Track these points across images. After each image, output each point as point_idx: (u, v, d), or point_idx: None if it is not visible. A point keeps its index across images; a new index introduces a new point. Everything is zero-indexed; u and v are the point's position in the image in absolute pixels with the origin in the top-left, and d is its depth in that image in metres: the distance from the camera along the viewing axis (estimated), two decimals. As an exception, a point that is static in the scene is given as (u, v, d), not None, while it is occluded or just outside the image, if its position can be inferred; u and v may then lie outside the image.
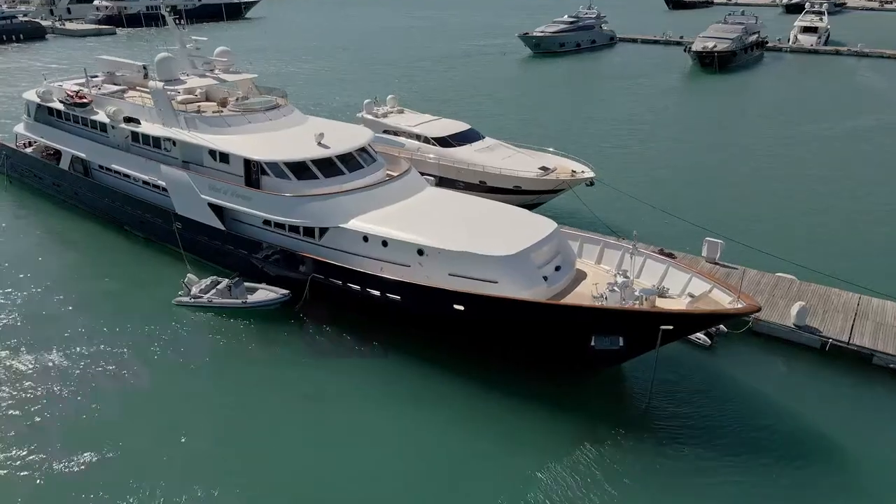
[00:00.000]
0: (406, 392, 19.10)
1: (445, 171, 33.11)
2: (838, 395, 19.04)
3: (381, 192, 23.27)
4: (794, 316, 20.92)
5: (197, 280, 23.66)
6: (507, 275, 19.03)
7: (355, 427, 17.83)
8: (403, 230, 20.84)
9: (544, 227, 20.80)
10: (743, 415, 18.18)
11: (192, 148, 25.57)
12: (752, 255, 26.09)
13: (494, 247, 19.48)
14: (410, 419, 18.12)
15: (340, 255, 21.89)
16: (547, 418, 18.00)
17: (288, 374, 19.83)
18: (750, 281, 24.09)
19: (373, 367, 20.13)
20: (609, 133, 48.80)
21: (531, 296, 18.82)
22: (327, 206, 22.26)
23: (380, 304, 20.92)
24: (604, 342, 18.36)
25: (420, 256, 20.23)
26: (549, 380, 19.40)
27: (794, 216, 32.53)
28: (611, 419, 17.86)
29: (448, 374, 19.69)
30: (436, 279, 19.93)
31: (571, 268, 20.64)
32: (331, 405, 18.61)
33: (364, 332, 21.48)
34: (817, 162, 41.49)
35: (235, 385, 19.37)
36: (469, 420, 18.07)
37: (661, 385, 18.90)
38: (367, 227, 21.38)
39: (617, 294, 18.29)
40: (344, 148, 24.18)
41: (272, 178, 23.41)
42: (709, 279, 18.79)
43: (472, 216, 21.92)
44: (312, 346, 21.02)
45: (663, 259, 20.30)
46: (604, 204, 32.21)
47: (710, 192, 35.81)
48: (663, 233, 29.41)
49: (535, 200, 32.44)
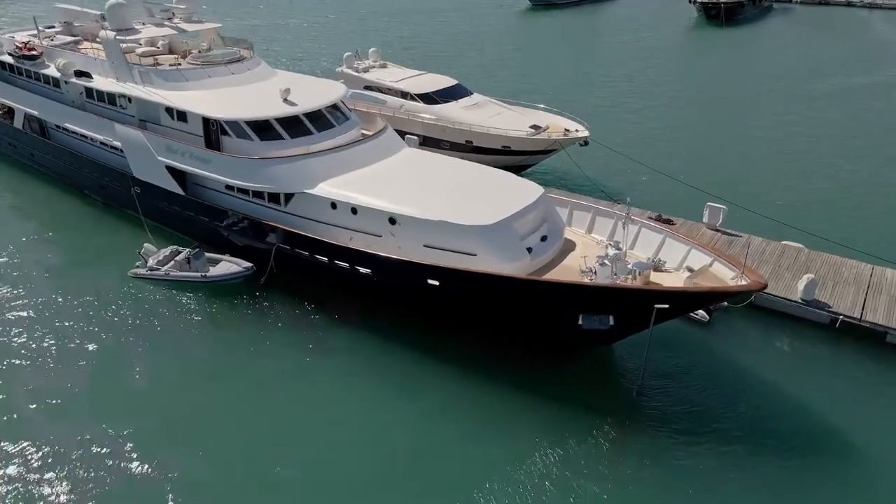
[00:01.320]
0: (379, 375, 17.47)
1: (430, 130, 30.95)
2: (849, 376, 17.38)
3: (352, 153, 21.22)
4: (802, 289, 19.15)
5: (155, 250, 21.82)
6: (487, 246, 17.18)
7: (323, 412, 16.28)
8: (374, 196, 18.89)
9: (529, 193, 18.84)
10: (744, 399, 16.57)
11: (148, 105, 23.37)
12: (756, 222, 24.18)
13: (473, 215, 17.58)
14: (383, 404, 16.54)
15: (307, 224, 19.99)
16: (528, 403, 16.39)
17: (248, 356, 18.14)
18: (754, 250, 22.22)
19: (343, 348, 18.45)
20: (606, 90, 46.20)
21: (513, 270, 17.02)
22: (293, 169, 20.24)
23: (349, 277, 19.14)
24: (592, 322, 16.63)
25: (392, 226, 18.34)
26: (533, 359, 17.75)
27: (803, 180, 30.40)
28: (599, 405, 16.25)
29: (425, 355, 18.03)
30: (409, 251, 18.09)
31: (559, 238, 18.77)
32: (296, 390, 16.99)
33: (335, 309, 19.75)
34: (828, 121, 39.06)
35: (187, 369, 17.70)
36: (445, 405, 16.48)
37: (654, 366, 17.23)
38: (335, 192, 19.41)
39: (607, 268, 16.47)
40: (312, 105, 21.99)
41: (233, 139, 21.30)
42: (709, 252, 16.94)
43: (451, 180, 19.94)
44: (277, 325, 19.30)
45: (660, 228, 18.41)
46: (598, 165, 30.13)
47: (713, 154, 33.56)
48: (662, 197, 27.44)
49: (524, 161, 30.38)
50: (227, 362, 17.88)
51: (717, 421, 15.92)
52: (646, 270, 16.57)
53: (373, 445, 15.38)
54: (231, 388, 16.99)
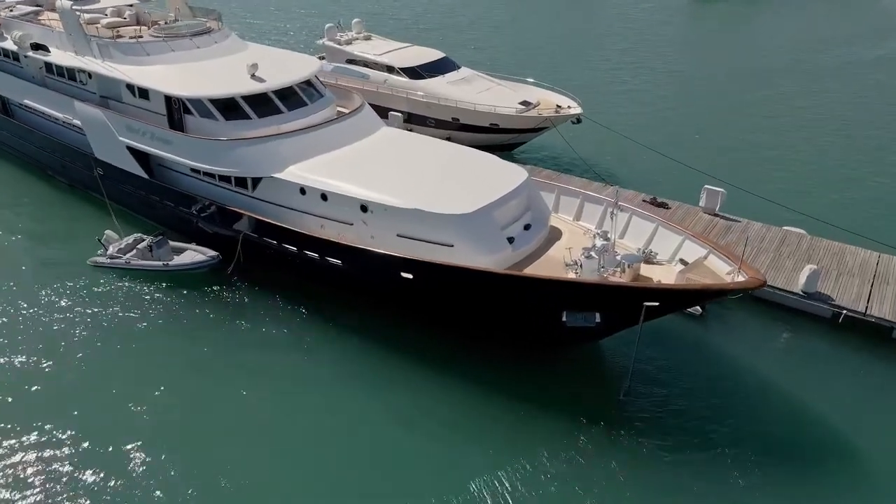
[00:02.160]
0: (350, 372, 16.35)
1: (414, 107, 29.42)
2: (852, 375, 16.23)
3: (326, 134, 19.77)
4: (803, 281, 17.91)
5: (116, 238, 20.52)
6: (464, 237, 15.89)
7: (286, 411, 15.20)
8: (345, 181, 17.54)
9: (512, 178, 17.49)
10: (738, 401, 15.47)
11: (108, 81, 21.84)
12: (756, 206, 22.86)
13: (449, 203, 16.26)
14: (352, 404, 15.45)
15: (276, 210, 18.67)
16: (505, 404, 15.28)
17: (208, 351, 16.99)
18: (754, 236, 20.96)
19: (312, 344, 17.29)
20: (601, 63, 44.27)
21: (492, 262, 15.77)
22: (260, 151, 18.83)
23: (320, 268, 17.89)
24: (577, 319, 15.43)
25: (364, 213, 17.04)
26: (512, 356, 16.61)
27: (807, 160, 28.90)
28: (584, 407, 15.12)
29: (399, 350, 16.89)
30: (382, 240, 16.82)
31: (544, 226, 17.48)
32: (259, 387, 15.86)
33: (305, 302, 18.55)
34: (834, 98, 37.24)
35: (142, 364, 16.53)
36: (419, 405, 15.39)
37: (643, 365, 16.08)
38: (304, 177, 18.04)
39: (594, 261, 15.21)
40: (283, 81, 20.48)
41: (197, 118, 19.85)
42: (704, 243, 15.66)
43: (429, 164, 18.56)
44: (242, 319, 18.09)
45: (652, 217, 17.10)
46: (591, 144, 28.70)
47: (712, 133, 31.97)
48: (657, 178, 26.07)
49: (514, 140, 28.95)
50: (186, 357, 16.72)
51: (709, 424, 14.84)
52: (635, 263, 15.33)
53: (338, 446, 14.36)
54: (188, 385, 15.85)
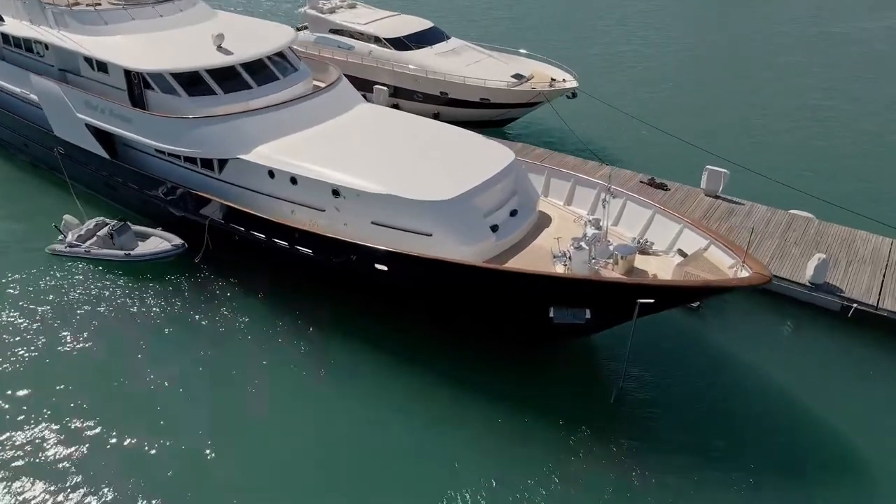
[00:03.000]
0: (327, 369, 15.16)
1: (401, 81, 27.83)
2: (863, 375, 15.03)
3: (298, 111, 18.29)
4: (811, 272, 16.63)
5: (76, 223, 19.15)
6: (443, 226, 14.57)
7: (260, 409, 14.10)
8: (316, 163, 16.14)
9: (497, 160, 16.09)
10: (739, 404, 14.29)
11: (64, 53, 20.27)
12: (762, 187, 21.48)
13: (427, 188, 14.90)
14: (330, 401, 14.36)
15: (244, 195, 17.31)
16: (488, 405, 14.13)
17: (175, 349, 15.78)
18: (758, 220, 19.64)
19: (289, 339, 16.01)
20: (597, 34, 42.30)
21: (474, 253, 14.48)
22: (225, 130, 17.38)
23: (290, 258, 16.61)
24: (565, 315, 14.18)
25: (336, 199, 15.69)
26: (498, 355, 15.40)
27: (816, 138, 27.27)
28: (573, 412, 13.93)
29: (378, 346, 15.68)
30: (355, 228, 15.51)
31: (532, 212, 16.14)
32: (229, 386, 14.70)
33: (280, 293, 17.26)
34: (847, 72, 35.18)
35: (99, 364, 15.34)
36: (402, 406, 14.26)
37: (636, 364, 14.88)
38: (272, 158, 16.65)
39: (584, 252, 13.91)
40: (252, 53, 18.92)
41: (158, 94, 18.36)
42: (705, 232, 14.33)
43: (408, 144, 17.13)
44: (211, 312, 16.81)
45: (648, 202, 15.74)
46: (587, 120, 27.14)
47: (714, 109, 30.27)
48: (656, 157, 24.64)
49: (505, 115, 27.43)
50: (147, 354, 15.49)
51: (706, 429, 13.68)
52: (629, 255, 14.06)
53: (312, 445, 13.35)
54: (149, 383, 14.69)
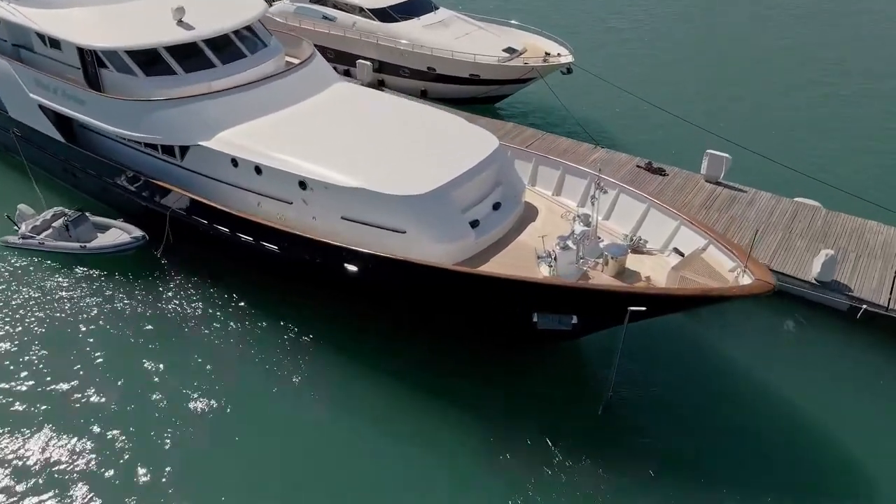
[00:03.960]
0: (296, 374, 14.07)
1: (386, 55, 26.29)
2: (870, 385, 13.95)
3: (266, 92, 16.89)
4: (818, 269, 15.43)
5: (31, 213, 17.88)
6: (418, 222, 13.33)
7: (224, 418, 13.09)
8: (283, 151, 14.83)
9: (480, 148, 14.76)
10: (737, 413, 13.24)
11: (16, 28, 18.79)
12: (766, 172, 20.18)
13: (401, 181, 13.62)
14: (298, 410, 13.34)
15: (208, 184, 16.03)
16: (467, 415, 13.07)
17: (133, 350, 14.69)
18: (761, 209, 18.37)
19: (256, 342, 14.90)
20: (594, 4, 40.33)
21: (452, 252, 13.29)
22: (185, 114, 16.00)
23: (257, 254, 15.40)
24: (550, 321, 13.05)
25: (303, 191, 14.42)
26: (478, 356, 14.32)
27: (826, 120, 25.55)
28: (557, 424, 12.90)
29: (351, 350, 14.59)
30: (325, 223, 14.28)
31: (516, 205, 14.87)
32: (191, 390, 13.65)
33: (248, 291, 16.09)
34: (859, 49, 32.96)
35: (51, 369, 14.30)
36: (378, 415, 13.24)
37: (627, 371, 13.73)
38: (236, 145, 15.34)
39: (571, 253, 12.73)
40: (216, 28, 17.42)
41: (114, 73, 16.94)
42: (703, 231, 13.08)
43: (384, 129, 15.78)
44: (171, 311, 15.69)
45: (642, 195, 14.45)
46: (582, 98, 25.69)
47: (719, 87, 28.48)
48: (654, 139, 23.29)
49: (496, 91, 25.95)
50: (103, 356, 14.43)
51: (703, 446, 12.63)
52: (621, 256, 12.85)
53: (280, 452, 12.38)
54: (104, 387, 13.65)
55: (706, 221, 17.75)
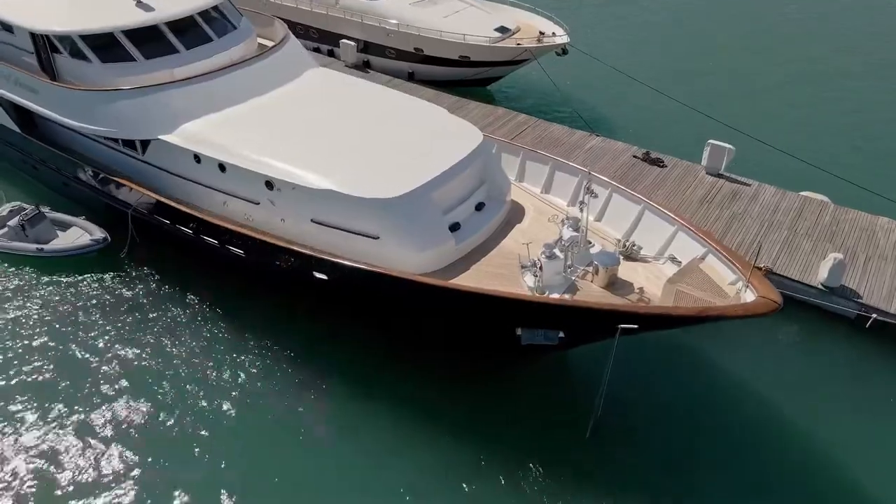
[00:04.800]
0: (269, 386, 13.12)
1: (371, 34, 24.90)
2: (880, 400, 12.96)
3: (234, 80, 15.65)
4: (826, 274, 14.38)
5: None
6: (392, 228, 12.24)
7: (191, 430, 12.21)
8: (249, 147, 13.68)
9: (462, 144, 13.58)
10: (738, 434, 12.31)
11: (-34, 9, 17.50)
12: (771, 163, 19.04)
13: (374, 182, 12.49)
14: (269, 423, 12.43)
15: (172, 181, 14.91)
16: (445, 437, 12.17)
17: (96, 359, 13.74)
18: (765, 205, 17.25)
19: (227, 352, 13.88)
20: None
21: (428, 259, 12.22)
22: (144, 105, 14.81)
23: (222, 258, 14.34)
24: (535, 336, 12.04)
25: (270, 191, 13.31)
26: (459, 370, 13.36)
27: (835, 110, 24.07)
28: (542, 449, 11.98)
29: (329, 359, 13.61)
30: (294, 226, 13.22)
31: (501, 205, 13.75)
32: (158, 400, 12.75)
33: (219, 295, 15.02)
34: (875, 34, 31.05)
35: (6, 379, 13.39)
36: (347, 431, 12.29)
37: (618, 383, 12.67)
38: (199, 139, 14.17)
39: (558, 262, 11.69)
40: (179, 10, 16.12)
41: (68, 59, 15.70)
42: (703, 238, 11.95)
43: (359, 122, 14.57)
44: (136, 318, 14.66)
45: (636, 196, 13.29)
46: (578, 81, 24.38)
47: (723, 72, 26.96)
48: (653, 127, 22.05)
49: (487, 73, 24.59)
50: (61, 366, 13.50)
51: (701, 470, 11.75)
52: (611, 266, 11.78)
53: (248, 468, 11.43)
54: (64, 398, 12.74)
55: (706, 218, 16.78)
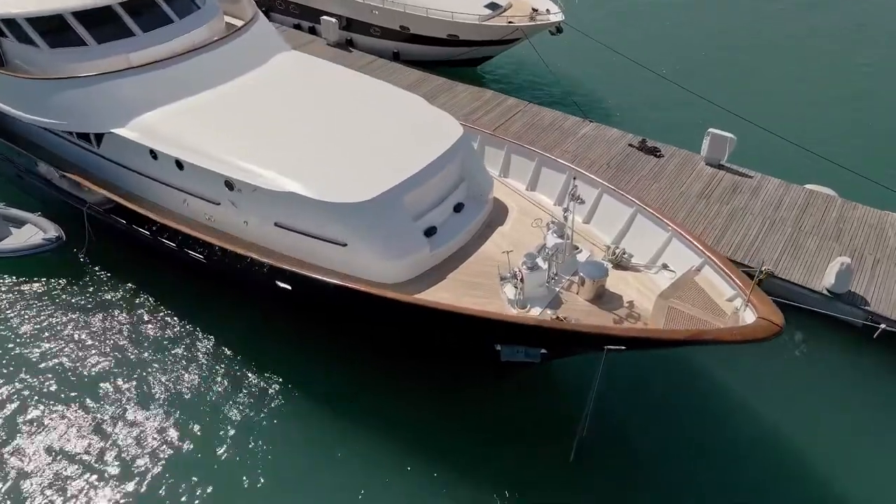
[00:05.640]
0: (234, 399, 12.26)
1: (354, 11, 23.53)
2: (889, 416, 12.12)
3: (195, 66, 14.43)
4: (832, 279, 13.38)
5: (-65, 206, 15.81)
6: (360, 235, 11.21)
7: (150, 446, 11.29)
8: (209, 143, 12.57)
9: (439, 140, 12.46)
10: (734, 455, 11.48)
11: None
12: (774, 153, 17.88)
13: (340, 184, 11.41)
14: (233, 438, 11.53)
15: (129, 177, 13.82)
16: (417, 459, 11.36)
17: (48, 364, 12.85)
18: (768, 199, 16.18)
19: (191, 360, 12.97)
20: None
21: (400, 268, 11.24)
22: (97, 95, 13.63)
23: (182, 261, 13.34)
24: (516, 353, 11.06)
25: (230, 192, 12.26)
26: (436, 384, 12.47)
27: (842, 97, 22.51)
28: (521, 474, 11.18)
29: (299, 370, 12.72)
30: (257, 230, 12.21)
31: (482, 206, 12.69)
32: (111, 407, 11.90)
33: (182, 302, 14.02)
34: (886, 15, 29.28)
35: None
36: (311, 449, 11.44)
37: (605, 399, 11.77)
38: (155, 134, 13.04)
39: (540, 274, 10.71)
40: (135, -12, 14.89)
41: (16, 45, 14.47)
42: (699, 247, 10.90)
43: (330, 114, 13.43)
44: (91, 327, 13.69)
45: (628, 198, 12.19)
46: (573, 62, 23.04)
47: (726, 54, 25.30)
48: (651, 112, 20.83)
49: (477, 53, 23.27)
50: (13, 370, 12.63)
51: (690, 494, 10.95)
52: (599, 278, 10.78)
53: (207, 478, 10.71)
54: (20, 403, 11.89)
55: (705, 215, 15.73)
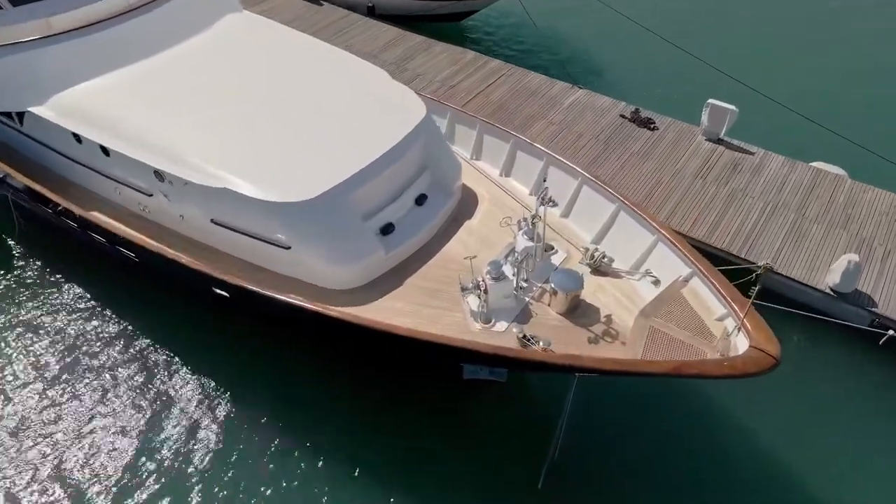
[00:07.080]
0: (175, 403, 11.14)
1: (323, -40, 21.39)
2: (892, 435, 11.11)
3: (127, 31, 12.74)
4: (837, 277, 12.08)
5: None
6: (303, 237, 9.85)
7: (91, 453, 10.32)
8: (137, 126, 11.05)
9: (398, 124, 10.92)
10: (716, 477, 10.47)
11: None
12: (779, 127, 16.28)
13: (281, 178, 9.96)
14: (171, 451, 10.47)
15: (58, 160, 12.37)
16: (371, 475, 10.37)
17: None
18: (770, 180, 14.71)
19: (133, 359, 11.77)
20: None
21: (351, 275, 9.96)
22: (10, 66, 11.99)
23: (115, 260, 12.01)
24: (480, 372, 10.00)
25: (161, 183, 10.84)
26: (394, 402, 11.36)
27: (854, 65, 20.34)
28: (484, 496, 10.19)
29: (251, 377, 11.55)
30: (194, 225, 10.89)
31: (448, 196, 11.27)
32: (50, 418, 10.89)
33: (123, 297, 12.77)
34: None
35: None
36: (260, 469, 10.40)
37: (578, 417, 10.73)
38: (76, 113, 11.49)
39: (506, 284, 9.40)
40: (56, -60, 13.00)
41: (-78, 9, 12.79)
42: (687, 256, 9.52)
43: (279, 90, 11.83)
44: (22, 319, 12.53)
45: (610, 193, 10.71)
46: (563, 19, 21.03)
47: (732, 16, 23.08)
48: (647, 78, 19.03)
49: (459, 7, 21.28)
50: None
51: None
52: (574, 290, 9.47)
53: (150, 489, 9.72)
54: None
55: (701, 198, 14.29)
